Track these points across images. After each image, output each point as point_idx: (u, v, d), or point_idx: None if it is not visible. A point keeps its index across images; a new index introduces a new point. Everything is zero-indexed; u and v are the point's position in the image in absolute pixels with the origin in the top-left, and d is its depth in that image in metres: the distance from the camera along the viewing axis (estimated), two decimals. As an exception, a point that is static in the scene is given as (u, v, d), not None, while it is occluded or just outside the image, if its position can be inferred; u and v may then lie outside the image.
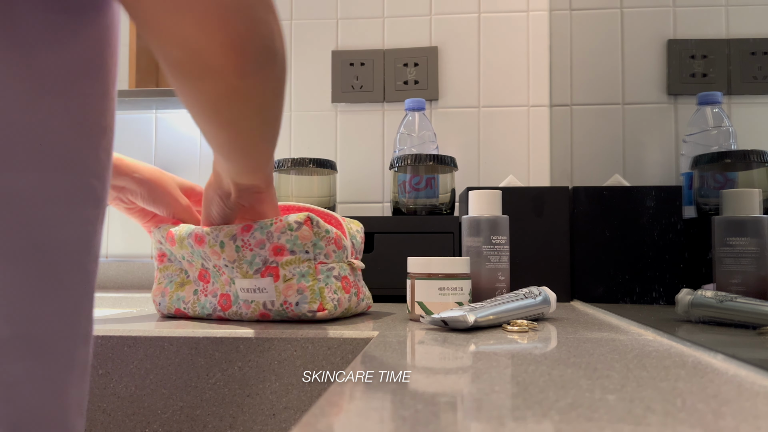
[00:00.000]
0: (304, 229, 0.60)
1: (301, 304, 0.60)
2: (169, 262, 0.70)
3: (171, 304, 0.68)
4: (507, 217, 0.70)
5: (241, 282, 0.62)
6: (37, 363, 0.32)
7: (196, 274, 0.67)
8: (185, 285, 0.68)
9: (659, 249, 0.82)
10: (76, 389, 0.36)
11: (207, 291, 0.66)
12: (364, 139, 1.15)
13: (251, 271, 0.61)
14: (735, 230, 0.60)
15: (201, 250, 0.63)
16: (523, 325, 0.55)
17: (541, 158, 1.11)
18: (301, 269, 0.61)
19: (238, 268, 0.62)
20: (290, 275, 0.61)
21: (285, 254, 0.61)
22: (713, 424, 0.26)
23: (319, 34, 1.17)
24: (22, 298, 0.32)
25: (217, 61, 0.36)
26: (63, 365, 0.34)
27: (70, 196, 0.34)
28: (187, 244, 0.64)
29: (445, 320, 0.54)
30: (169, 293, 0.68)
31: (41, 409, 0.33)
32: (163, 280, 0.69)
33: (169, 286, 0.69)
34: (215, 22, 0.34)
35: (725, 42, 0.70)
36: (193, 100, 0.40)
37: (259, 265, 0.61)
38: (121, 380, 0.56)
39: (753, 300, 0.54)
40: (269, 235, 0.60)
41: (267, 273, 0.61)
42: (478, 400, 0.30)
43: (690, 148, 0.82)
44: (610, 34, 0.95)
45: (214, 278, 0.66)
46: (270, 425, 0.55)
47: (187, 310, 0.67)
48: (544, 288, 0.64)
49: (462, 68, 1.14)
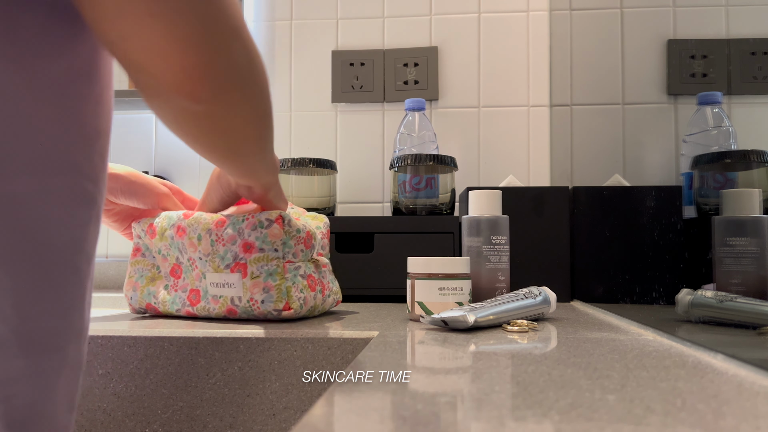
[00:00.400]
0: (274, 227, 0.61)
1: (267, 302, 0.61)
2: (142, 257, 0.70)
3: (142, 298, 0.68)
4: (507, 217, 0.70)
5: (212, 276, 0.63)
6: (29, 361, 0.33)
7: (168, 269, 0.68)
8: (156, 280, 0.68)
9: (659, 249, 0.82)
10: (67, 386, 0.37)
11: (177, 286, 0.67)
12: (364, 139, 1.15)
13: (222, 265, 0.62)
14: (735, 230, 0.60)
15: (180, 242, 0.65)
16: (523, 325, 0.55)
17: (541, 158, 1.11)
18: (269, 267, 0.62)
19: (211, 262, 0.63)
20: (258, 273, 0.61)
21: (254, 251, 0.62)
22: (713, 424, 0.26)
23: (319, 34, 1.17)
24: (15, 297, 0.32)
25: (173, 86, 0.36)
26: (54, 362, 0.35)
27: (63, 198, 0.35)
28: (168, 236, 0.66)
29: (445, 320, 0.54)
30: (140, 288, 0.69)
31: (33, 405, 0.33)
32: (134, 274, 0.70)
33: (140, 281, 0.69)
34: (173, 52, 0.34)
35: (725, 42, 0.70)
36: (159, 114, 0.41)
37: (229, 260, 0.62)
38: (121, 380, 0.56)
39: (753, 300, 0.54)
40: (240, 231, 0.62)
41: (236, 269, 0.62)
42: (478, 400, 0.30)
43: (690, 148, 0.82)
44: (610, 34, 0.95)
45: (186, 273, 0.66)
46: (270, 425, 0.55)
47: (157, 305, 0.67)
48: (544, 288, 0.64)
49: (462, 68, 1.14)
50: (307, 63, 1.17)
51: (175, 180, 1.18)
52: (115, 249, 1.18)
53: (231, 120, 0.42)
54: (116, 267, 1.15)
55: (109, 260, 1.17)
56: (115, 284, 1.15)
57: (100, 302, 0.99)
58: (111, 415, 0.56)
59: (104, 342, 0.56)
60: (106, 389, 0.56)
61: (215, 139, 0.43)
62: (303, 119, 1.17)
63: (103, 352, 0.56)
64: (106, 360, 0.56)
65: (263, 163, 0.52)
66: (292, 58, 1.17)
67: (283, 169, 0.98)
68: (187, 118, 0.39)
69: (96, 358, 0.56)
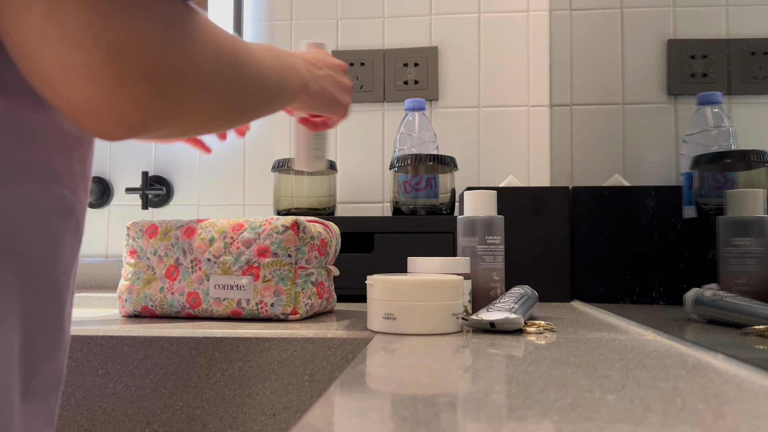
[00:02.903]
0: (289, 233, 0.63)
1: (276, 306, 0.63)
2: (138, 259, 0.70)
3: (138, 301, 0.68)
4: (502, 217, 0.70)
5: (219, 278, 0.64)
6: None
7: (164, 270, 0.68)
8: (151, 282, 0.68)
9: (659, 249, 0.82)
10: (41, 398, 0.35)
11: (173, 289, 0.67)
12: (364, 139, 1.15)
13: (234, 267, 0.64)
14: (739, 230, 0.60)
15: (186, 242, 0.65)
16: (540, 326, 0.55)
17: (541, 158, 1.11)
18: (281, 272, 0.63)
19: (221, 264, 0.64)
20: (270, 276, 0.63)
21: (268, 255, 0.63)
22: (713, 424, 0.26)
23: (319, 34, 1.17)
24: None
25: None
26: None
27: (37, 206, 0.34)
28: (173, 236, 0.67)
29: (493, 323, 0.53)
30: (136, 290, 0.68)
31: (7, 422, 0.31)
32: (131, 276, 0.70)
33: (136, 283, 0.69)
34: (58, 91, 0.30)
35: (725, 42, 0.70)
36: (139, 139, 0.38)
37: (242, 263, 0.64)
38: (121, 380, 0.56)
39: (745, 299, 0.54)
40: (257, 236, 0.64)
41: (248, 272, 0.64)
42: (478, 400, 0.30)
43: (690, 148, 0.82)
44: (610, 34, 0.95)
45: (183, 275, 0.66)
46: (270, 425, 0.55)
47: (154, 308, 0.67)
48: (526, 286, 0.68)
49: (462, 68, 1.14)
50: (307, 63, 1.17)
51: (175, 180, 1.18)
52: (115, 249, 1.18)
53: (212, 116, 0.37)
54: (116, 267, 1.15)
55: (109, 260, 1.17)
56: (114, 284, 1.15)
57: (99, 302, 0.99)
58: (111, 415, 0.56)
59: (104, 342, 0.56)
60: (106, 389, 0.56)
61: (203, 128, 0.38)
62: (303, 119, 1.17)
63: (103, 352, 0.56)
64: (106, 360, 0.56)
65: (278, 96, 0.46)
66: (292, 58, 1.17)
67: (284, 169, 0.98)
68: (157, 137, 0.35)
69: (96, 358, 0.56)
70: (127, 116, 0.30)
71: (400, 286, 0.53)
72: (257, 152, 1.17)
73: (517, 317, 0.53)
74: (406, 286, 0.53)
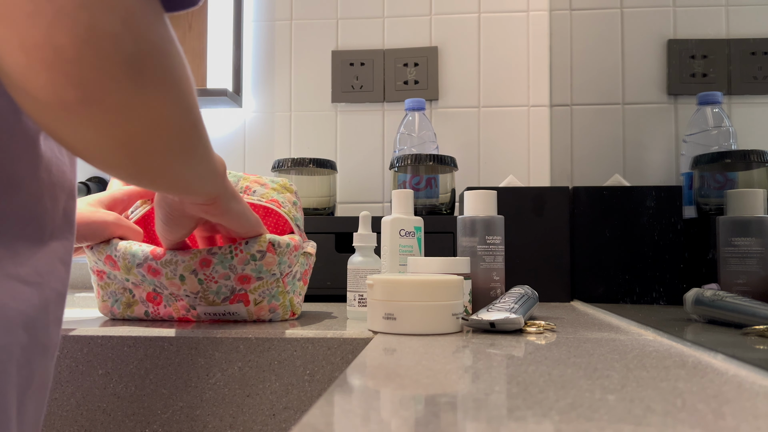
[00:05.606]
0: (268, 257, 0.58)
1: (275, 318, 0.63)
2: (109, 280, 0.64)
3: (124, 319, 0.65)
4: (502, 217, 0.70)
5: (206, 308, 0.61)
6: None
7: (144, 294, 0.63)
8: (133, 306, 0.64)
9: (659, 249, 0.82)
10: (33, 404, 0.34)
11: (159, 312, 0.63)
12: (364, 139, 1.15)
13: (219, 299, 0.60)
14: (739, 230, 0.60)
15: (155, 280, 0.59)
16: (540, 326, 0.55)
17: (541, 158, 1.11)
18: (271, 291, 0.61)
19: (203, 298, 0.60)
20: (260, 298, 0.61)
21: (252, 281, 0.59)
22: (713, 424, 0.26)
23: (319, 34, 1.17)
24: None
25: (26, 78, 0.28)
26: None
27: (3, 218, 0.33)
28: (137, 273, 0.60)
29: (493, 323, 0.53)
30: (119, 313, 0.65)
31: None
32: (108, 298, 0.65)
33: (116, 306, 0.65)
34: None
35: (725, 42, 0.70)
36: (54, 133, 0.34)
37: (227, 294, 0.60)
38: (121, 380, 0.56)
39: (745, 299, 0.54)
40: (232, 268, 0.58)
41: (237, 300, 0.60)
42: (478, 400, 0.30)
43: (690, 148, 0.82)
44: (610, 34, 0.95)
45: (167, 302, 0.62)
46: (270, 425, 0.55)
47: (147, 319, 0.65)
48: (526, 286, 0.68)
49: (462, 68, 1.14)
50: (307, 63, 1.17)
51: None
52: (115, 249, 1.18)
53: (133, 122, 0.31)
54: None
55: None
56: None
57: (100, 302, 0.99)
58: (111, 415, 0.56)
59: (104, 342, 0.56)
60: (106, 389, 0.56)
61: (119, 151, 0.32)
62: (303, 119, 1.17)
63: (103, 352, 0.56)
64: (106, 360, 0.56)
65: (195, 173, 0.41)
66: (292, 58, 1.17)
67: (283, 169, 0.98)
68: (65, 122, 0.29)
69: (96, 358, 0.56)
70: None
71: (400, 286, 0.53)
72: (257, 152, 1.17)
73: (517, 317, 0.53)
74: (406, 286, 0.53)
